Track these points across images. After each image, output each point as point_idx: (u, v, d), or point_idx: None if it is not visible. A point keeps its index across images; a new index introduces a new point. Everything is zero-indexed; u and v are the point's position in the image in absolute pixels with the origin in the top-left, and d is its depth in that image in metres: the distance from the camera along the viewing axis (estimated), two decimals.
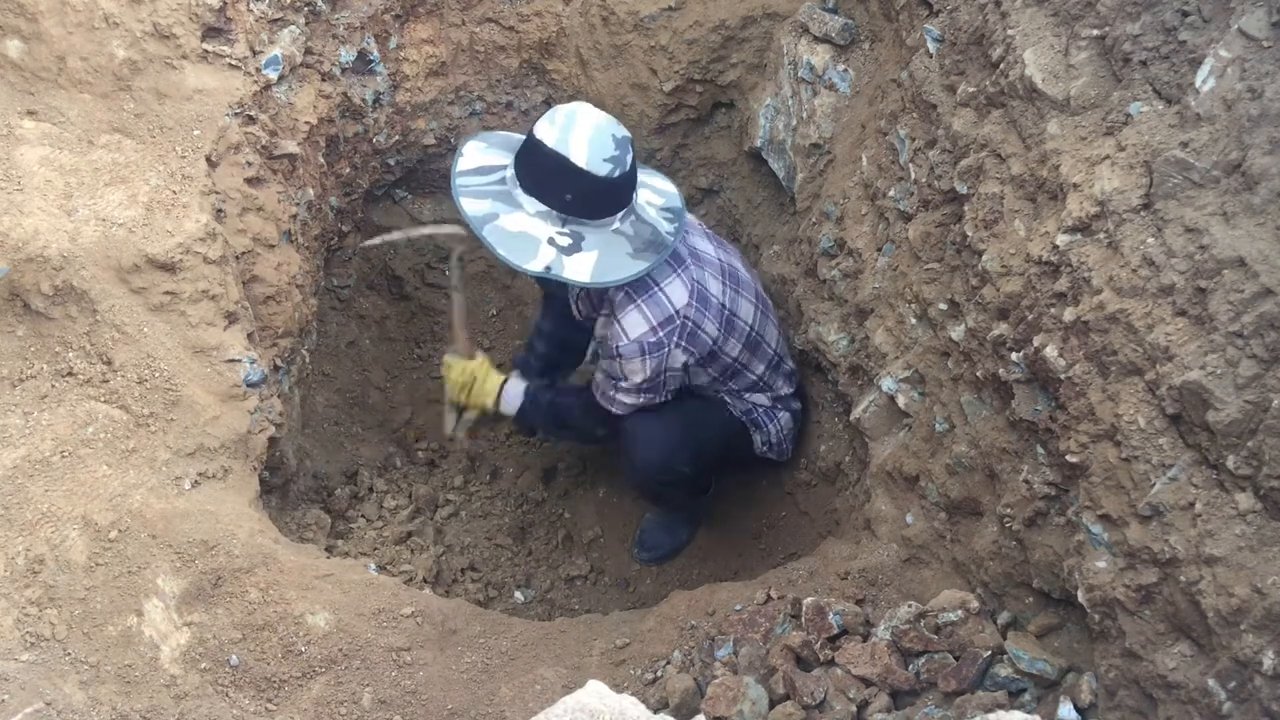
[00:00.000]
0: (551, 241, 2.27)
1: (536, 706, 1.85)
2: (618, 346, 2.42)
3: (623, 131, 2.29)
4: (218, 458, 2.21)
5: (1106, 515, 1.62)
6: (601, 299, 2.52)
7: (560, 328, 2.92)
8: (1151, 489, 1.54)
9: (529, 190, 2.29)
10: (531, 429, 3.05)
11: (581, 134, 2.23)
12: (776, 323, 2.76)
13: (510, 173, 2.32)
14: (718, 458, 2.83)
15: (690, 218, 2.67)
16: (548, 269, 2.26)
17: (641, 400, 2.54)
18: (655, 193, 2.46)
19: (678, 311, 2.40)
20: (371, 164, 3.16)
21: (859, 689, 1.78)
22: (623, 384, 2.51)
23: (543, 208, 2.28)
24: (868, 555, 2.23)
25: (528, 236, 2.27)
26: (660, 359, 2.43)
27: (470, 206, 2.29)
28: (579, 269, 2.27)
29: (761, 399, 2.75)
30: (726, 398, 2.74)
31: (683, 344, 2.43)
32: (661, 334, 2.40)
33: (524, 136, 2.34)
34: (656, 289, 2.40)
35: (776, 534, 2.98)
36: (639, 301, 2.39)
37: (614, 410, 2.60)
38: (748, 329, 2.59)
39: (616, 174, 2.26)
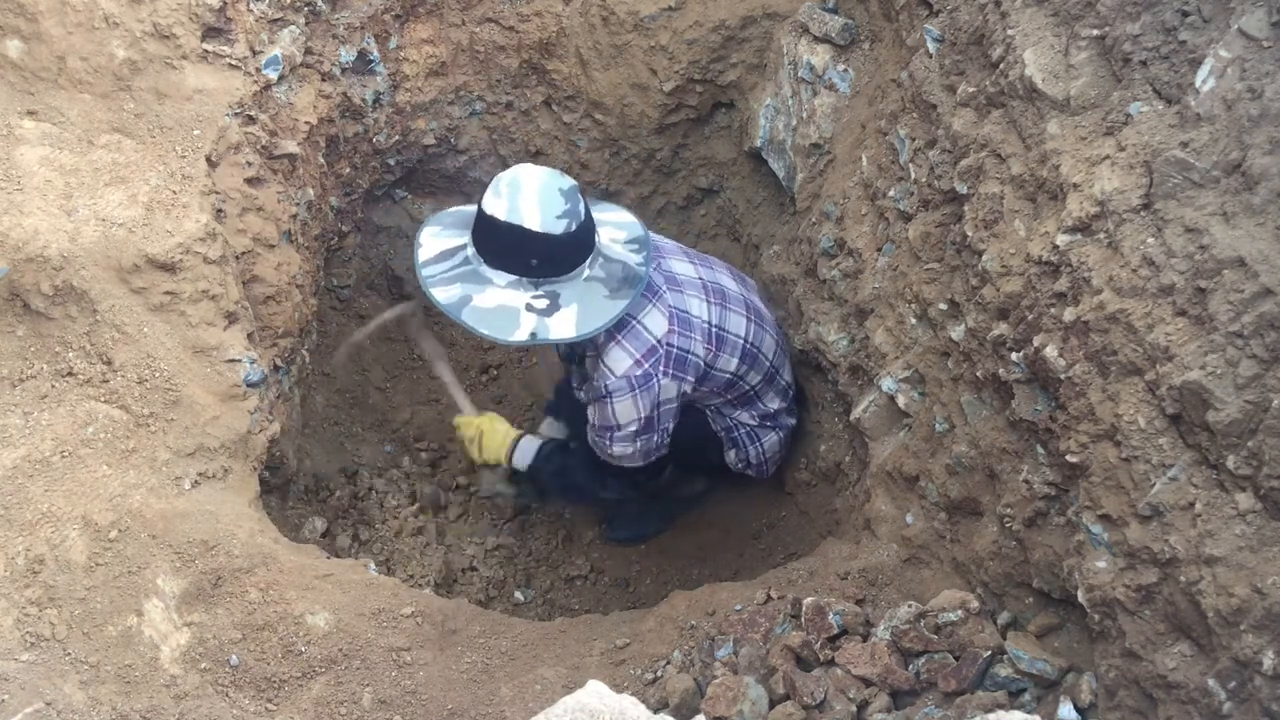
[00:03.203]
0: (529, 308, 2.29)
1: (536, 706, 1.85)
2: (606, 385, 2.41)
3: (568, 183, 2.29)
4: (218, 458, 2.20)
5: (1106, 515, 1.62)
6: (583, 343, 2.51)
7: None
8: (1151, 489, 1.54)
9: (494, 264, 2.30)
10: (543, 490, 3.05)
11: (529, 198, 2.23)
12: (775, 333, 2.74)
13: (471, 250, 2.33)
14: (680, 460, 2.82)
15: (666, 241, 2.68)
16: (533, 334, 2.28)
17: (639, 446, 2.51)
18: (616, 228, 2.46)
19: (660, 341, 2.41)
20: (371, 164, 3.16)
21: (859, 689, 1.78)
22: (616, 433, 2.48)
23: (512, 277, 2.30)
24: (868, 555, 2.23)
25: (506, 309, 2.29)
26: (651, 392, 2.42)
27: (441, 295, 2.31)
28: (563, 326, 2.29)
29: (746, 417, 2.74)
30: (708, 411, 2.74)
31: (671, 371, 2.43)
32: (647, 365, 2.40)
33: (475, 210, 2.33)
34: (635, 322, 2.41)
35: (776, 534, 2.98)
36: (619, 338, 2.40)
37: (614, 463, 2.58)
38: (741, 341, 2.58)
39: (574, 227, 2.26)
